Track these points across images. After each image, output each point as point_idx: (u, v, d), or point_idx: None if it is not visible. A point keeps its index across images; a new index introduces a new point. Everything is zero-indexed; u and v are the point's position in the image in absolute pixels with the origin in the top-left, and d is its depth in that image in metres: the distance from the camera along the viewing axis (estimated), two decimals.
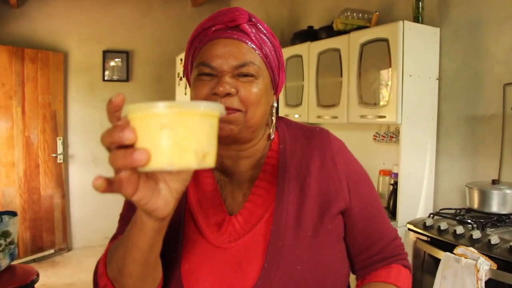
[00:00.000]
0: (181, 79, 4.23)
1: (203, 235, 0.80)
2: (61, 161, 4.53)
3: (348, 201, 0.82)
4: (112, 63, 4.74)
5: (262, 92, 0.78)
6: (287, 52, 3.45)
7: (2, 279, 2.63)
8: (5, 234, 2.64)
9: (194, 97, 0.78)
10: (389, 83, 2.58)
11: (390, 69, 2.56)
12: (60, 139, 4.49)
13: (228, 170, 0.84)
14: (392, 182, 2.71)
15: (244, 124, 0.77)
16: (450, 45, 2.68)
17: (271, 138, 0.85)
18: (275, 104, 0.85)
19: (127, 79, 4.79)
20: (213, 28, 0.78)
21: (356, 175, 0.85)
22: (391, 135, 2.87)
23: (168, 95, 4.64)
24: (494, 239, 1.70)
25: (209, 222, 0.82)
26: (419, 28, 2.62)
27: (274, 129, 0.86)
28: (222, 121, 0.73)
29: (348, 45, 2.87)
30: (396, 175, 2.64)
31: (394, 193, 2.64)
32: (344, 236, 0.85)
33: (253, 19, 0.79)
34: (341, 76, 2.92)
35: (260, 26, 0.80)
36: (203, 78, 0.78)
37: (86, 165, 4.71)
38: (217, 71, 0.77)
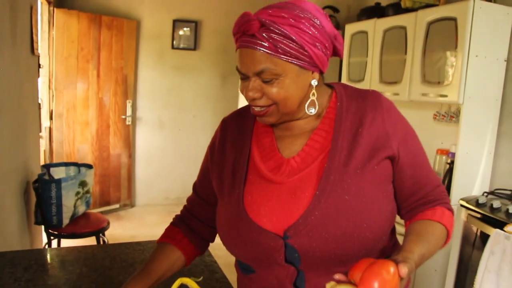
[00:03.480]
0: None
1: (264, 177, 0.96)
2: (130, 123, 4.83)
3: (396, 150, 0.93)
4: (181, 32, 4.94)
5: (288, 86, 0.89)
6: (353, 28, 3.48)
7: (79, 223, 2.93)
8: (83, 184, 2.93)
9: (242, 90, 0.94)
10: (454, 63, 2.58)
11: (456, 49, 2.56)
12: (129, 102, 4.79)
13: (287, 127, 1.00)
14: (449, 161, 2.74)
15: (280, 114, 0.93)
16: None
17: (316, 107, 0.96)
18: (314, 81, 0.93)
19: (194, 48, 4.99)
20: (237, 35, 0.91)
21: (403, 129, 0.96)
22: (452, 115, 2.87)
23: (233, 66, 4.79)
24: None
25: (269, 165, 0.97)
26: (490, 7, 2.58)
27: (314, 103, 0.96)
28: (258, 115, 0.93)
29: (415, 23, 2.87)
30: (453, 154, 2.66)
31: (450, 172, 2.67)
32: (393, 181, 0.96)
33: (266, 22, 0.85)
34: (405, 54, 2.94)
35: (274, 26, 0.85)
36: (241, 77, 0.93)
37: (152, 128, 5.00)
38: (245, 75, 0.91)
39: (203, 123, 5.20)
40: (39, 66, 3.46)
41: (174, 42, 4.93)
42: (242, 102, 4.48)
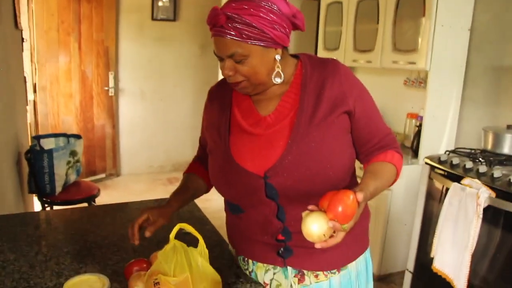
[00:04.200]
0: None
1: (245, 131, 1.18)
2: (112, 94, 4.91)
3: (352, 106, 1.14)
4: (160, 3, 4.98)
5: (256, 63, 1.08)
6: None
7: (71, 191, 3.08)
8: (73, 153, 3.06)
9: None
10: (422, 32, 2.76)
11: (424, 18, 2.73)
12: (111, 74, 4.86)
13: (263, 96, 1.20)
14: (418, 124, 2.95)
15: (253, 85, 1.12)
16: None
17: (281, 77, 1.13)
18: (278, 56, 1.11)
19: (174, 19, 5.05)
20: (209, 26, 1.09)
21: (358, 89, 1.17)
22: (420, 81, 3.07)
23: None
24: (497, 173, 1.96)
25: (248, 122, 1.19)
26: None
27: (279, 74, 1.14)
28: (235, 87, 1.14)
29: None
30: (422, 118, 2.88)
31: (418, 134, 2.89)
32: (351, 131, 1.18)
33: (230, 15, 1.02)
34: (378, 23, 3.10)
35: (239, 18, 1.02)
36: (218, 59, 1.12)
37: (134, 98, 5.10)
38: (221, 57, 1.10)
39: (183, 93, 5.32)
40: (22, 40, 3.52)
41: (154, 14, 4.97)
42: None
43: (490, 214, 1.93)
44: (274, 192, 1.13)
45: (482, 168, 2.04)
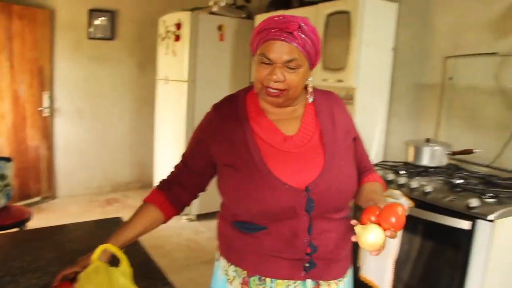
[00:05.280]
0: (162, 39, 4.48)
1: (275, 147, 1.23)
2: (47, 114, 4.77)
3: (356, 134, 1.37)
4: (97, 22, 4.93)
5: (301, 77, 1.19)
6: (262, 18, 3.73)
7: (0, 216, 2.96)
8: (2, 177, 2.95)
9: (255, 73, 1.20)
10: (349, 51, 2.91)
11: (350, 38, 2.89)
12: (46, 93, 4.73)
13: (282, 112, 1.29)
14: None
15: (287, 97, 1.21)
16: (405, 19, 3.01)
17: (311, 99, 1.31)
18: (311, 78, 1.27)
19: (111, 38, 5.01)
20: (273, 30, 1.15)
21: (352, 118, 1.39)
22: (349, 98, 3.22)
23: (151, 54, 4.88)
24: (414, 184, 2.10)
25: (275, 140, 1.25)
26: (378, 2, 2.94)
27: (312, 93, 1.31)
28: (269, 96, 1.19)
29: (316, 15, 3.18)
30: None
31: None
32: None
33: (303, 26, 1.15)
34: None
35: (306, 32, 1.16)
36: (263, 64, 1.18)
37: (71, 118, 4.98)
38: (272, 62, 1.16)
39: (121, 112, 5.25)
40: None
41: (91, 32, 4.91)
42: (161, 89, 4.60)
43: (410, 223, 2.06)
44: (312, 205, 1.20)
45: (402, 180, 2.17)
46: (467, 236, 1.85)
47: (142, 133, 5.28)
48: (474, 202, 1.84)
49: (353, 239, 1.10)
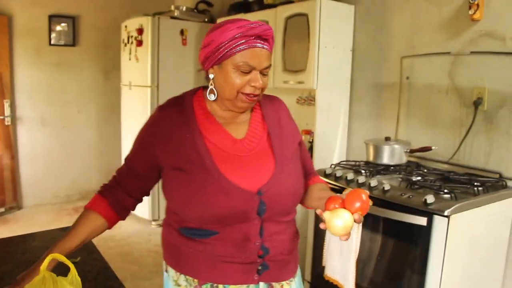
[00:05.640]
0: (125, 44, 4.43)
1: (225, 151, 1.23)
2: (9, 123, 4.67)
3: (300, 138, 1.40)
4: (58, 28, 4.84)
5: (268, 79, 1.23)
6: None
7: None
8: None
9: (230, 81, 1.17)
10: (308, 53, 2.94)
11: (309, 41, 2.92)
12: (7, 102, 4.62)
13: (233, 116, 1.29)
14: (310, 140, 3.13)
15: (257, 100, 1.24)
16: (362, 21, 3.07)
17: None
18: None
19: (73, 44, 4.93)
20: (252, 38, 1.15)
21: (295, 122, 1.43)
22: (311, 99, 3.26)
23: (116, 60, 4.82)
24: (373, 182, 2.14)
25: (225, 143, 1.24)
26: (335, 5, 2.98)
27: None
28: (245, 102, 1.20)
29: (275, 18, 3.20)
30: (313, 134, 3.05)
31: (311, 150, 3.05)
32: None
33: (272, 32, 1.20)
34: None
35: (273, 36, 1.21)
36: (241, 72, 1.17)
37: (34, 126, 4.87)
38: (252, 69, 1.17)
39: (87, 118, 5.17)
40: None
41: (52, 38, 4.82)
42: (125, 95, 4.55)
43: (370, 221, 2.10)
44: (263, 208, 1.20)
45: (361, 179, 2.21)
46: (425, 232, 1.89)
47: (109, 140, 5.21)
48: (430, 198, 1.89)
49: (322, 226, 1.14)
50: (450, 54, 2.54)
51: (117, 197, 1.30)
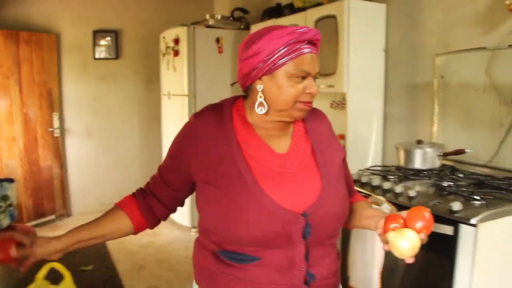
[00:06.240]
0: (163, 55, 4.52)
1: (268, 167, 1.13)
2: (58, 134, 4.88)
3: (344, 152, 1.30)
4: (102, 42, 5.03)
5: None
6: (257, 28, 3.73)
7: None
8: (4, 198, 3.01)
9: (285, 91, 1.09)
10: (338, 55, 2.86)
11: (338, 43, 2.84)
12: (56, 115, 4.84)
13: (272, 133, 1.19)
14: (343, 144, 3.03)
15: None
16: (394, 19, 2.95)
17: None
18: None
19: (116, 57, 5.09)
20: (303, 43, 1.09)
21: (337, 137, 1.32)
22: (344, 102, 3.16)
23: (157, 70, 4.93)
24: (399, 189, 2.03)
25: (266, 159, 1.14)
26: (364, 5, 2.89)
27: None
28: (303, 110, 1.12)
29: (305, 21, 3.15)
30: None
31: None
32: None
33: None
34: None
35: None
36: (296, 80, 1.09)
37: (81, 137, 5.08)
38: (308, 75, 1.10)
39: (131, 128, 5.32)
40: None
41: (96, 53, 5.01)
42: (165, 104, 4.64)
43: None
44: (309, 231, 1.09)
45: (387, 185, 2.10)
46: (451, 242, 1.77)
47: (152, 148, 5.32)
48: (456, 205, 1.76)
49: (386, 248, 1.06)
50: (486, 49, 2.37)
51: (148, 202, 1.24)
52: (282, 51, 1.07)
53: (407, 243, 1.00)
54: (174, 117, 4.40)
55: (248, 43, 1.12)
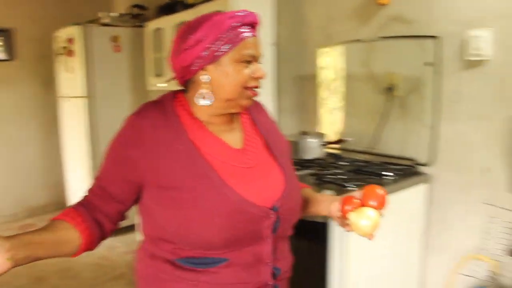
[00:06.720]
0: (59, 55, 4.30)
1: (226, 162, 1.08)
2: None
3: (288, 142, 1.29)
4: None
5: None
6: (154, 24, 3.70)
7: None
8: None
9: (233, 77, 1.03)
10: None
11: None
12: None
13: (223, 128, 1.13)
14: None
15: None
16: (283, 14, 3.01)
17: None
18: None
19: (10, 58, 4.75)
20: (243, 27, 1.05)
21: None
22: None
23: (52, 71, 4.64)
24: None
25: (225, 155, 1.09)
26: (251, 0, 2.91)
27: None
28: (250, 97, 1.08)
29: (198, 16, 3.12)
30: None
31: None
32: None
33: None
34: None
35: None
36: (243, 65, 1.04)
37: None
38: (254, 59, 1.06)
39: (29, 134, 4.98)
40: None
41: None
42: (63, 108, 4.43)
43: None
44: (277, 225, 1.08)
45: None
46: (324, 229, 1.83)
47: (53, 153, 5.02)
48: (327, 193, 1.83)
49: (347, 228, 1.09)
50: (361, 41, 2.48)
51: (94, 216, 1.06)
52: (226, 36, 1.02)
53: (368, 222, 1.03)
54: (75, 120, 4.20)
55: (186, 32, 1.05)
